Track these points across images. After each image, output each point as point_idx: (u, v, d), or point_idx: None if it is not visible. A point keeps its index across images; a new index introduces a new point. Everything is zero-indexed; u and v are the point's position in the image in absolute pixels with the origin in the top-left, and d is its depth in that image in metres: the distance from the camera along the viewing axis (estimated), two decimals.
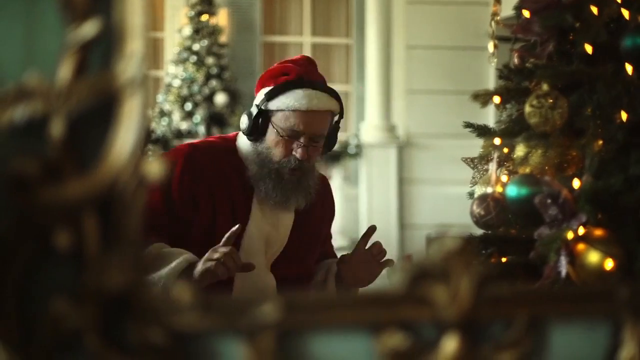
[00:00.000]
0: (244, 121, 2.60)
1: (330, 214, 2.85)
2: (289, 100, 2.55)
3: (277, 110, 2.56)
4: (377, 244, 2.64)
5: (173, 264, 2.41)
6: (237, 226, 2.42)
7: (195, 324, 1.01)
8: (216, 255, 2.37)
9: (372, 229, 2.66)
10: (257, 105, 2.58)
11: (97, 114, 1.02)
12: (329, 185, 2.88)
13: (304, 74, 2.61)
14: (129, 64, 1.02)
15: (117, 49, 1.04)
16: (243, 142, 2.63)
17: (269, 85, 2.60)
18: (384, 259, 2.64)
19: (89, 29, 1.03)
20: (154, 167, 1.01)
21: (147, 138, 0.97)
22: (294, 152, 2.55)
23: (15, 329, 1.01)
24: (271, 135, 2.57)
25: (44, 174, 1.00)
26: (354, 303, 1.06)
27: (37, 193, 0.99)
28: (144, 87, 1.02)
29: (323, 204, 2.77)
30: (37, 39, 1.05)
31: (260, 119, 2.57)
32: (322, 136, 2.59)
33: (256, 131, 2.58)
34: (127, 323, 1.02)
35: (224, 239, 2.40)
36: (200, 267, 2.39)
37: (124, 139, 1.01)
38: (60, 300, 1.01)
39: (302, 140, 2.54)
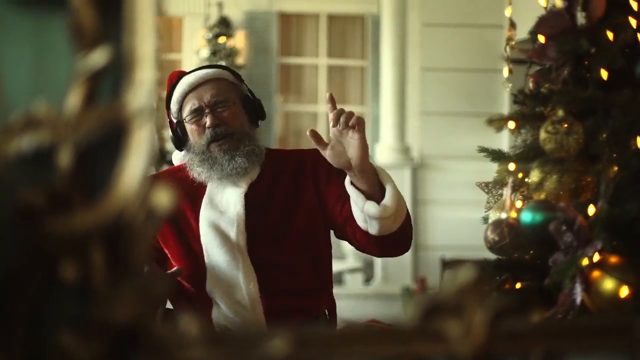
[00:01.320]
0: (172, 141, 2.75)
1: (314, 177, 2.71)
2: (176, 94, 2.69)
3: (179, 113, 2.70)
4: (337, 112, 2.45)
5: None
6: (175, 269, 2.58)
7: (203, 359, 1.00)
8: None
9: (330, 97, 2.50)
10: (169, 121, 2.74)
11: (106, 144, 1.01)
12: (309, 155, 2.74)
13: (181, 73, 2.76)
14: (139, 92, 1.01)
15: (126, 77, 1.03)
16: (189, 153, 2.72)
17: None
18: (344, 120, 2.43)
19: (99, 57, 1.02)
20: (163, 197, 0.99)
21: (162, 159, 0.96)
22: (206, 126, 2.64)
23: None
24: (189, 132, 2.68)
25: (51, 204, 0.98)
26: (366, 338, 1.04)
27: (44, 223, 0.98)
28: (153, 117, 1.01)
29: (298, 176, 2.72)
30: (46, 67, 1.04)
31: (177, 128, 2.71)
32: (222, 100, 2.67)
33: (181, 140, 2.71)
34: (134, 356, 1.01)
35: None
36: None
37: (133, 169, 0.99)
38: (66, 332, 1.00)
39: (205, 112, 2.64)
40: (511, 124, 2.39)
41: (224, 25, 8.63)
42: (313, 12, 9.08)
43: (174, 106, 2.70)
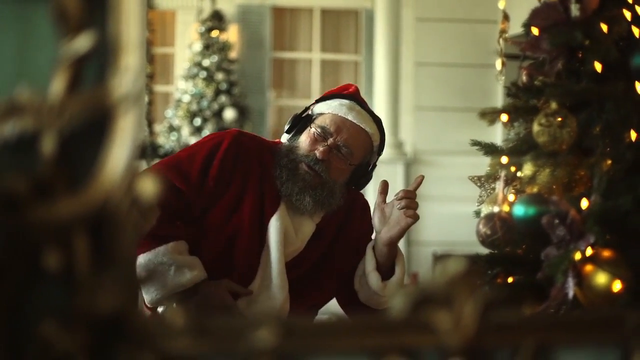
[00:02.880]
0: (289, 120, 2.74)
1: (368, 227, 2.77)
2: (332, 105, 2.69)
3: (319, 114, 2.69)
4: (401, 192, 2.67)
5: (182, 280, 2.46)
6: (249, 290, 2.55)
7: (188, 349, 0.98)
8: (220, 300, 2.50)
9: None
10: (306, 108, 2.74)
11: (90, 131, 0.99)
12: (365, 207, 2.87)
13: (356, 93, 2.76)
14: (124, 78, 1.00)
15: (111, 63, 1.01)
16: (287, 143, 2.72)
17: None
18: (405, 204, 2.63)
19: (83, 42, 1.00)
20: (148, 185, 0.98)
21: (154, 152, 0.94)
22: (316, 151, 2.61)
23: (5, 351, 0.98)
24: (305, 133, 2.66)
25: (34, 192, 0.97)
26: (354, 329, 1.03)
27: (27, 212, 0.97)
28: (138, 103, 0.99)
29: (361, 222, 2.78)
30: (29, 52, 1.02)
31: (303, 120, 2.70)
32: (349, 148, 2.64)
33: (295, 129, 2.70)
34: (118, 347, 0.99)
35: (233, 291, 2.55)
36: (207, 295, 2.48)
37: (117, 156, 0.98)
38: (50, 322, 0.98)
39: (329, 142, 2.61)
40: (504, 117, 2.38)
41: (217, 19, 8.63)
42: (307, 6, 9.08)
43: (321, 107, 2.70)
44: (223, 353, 1.00)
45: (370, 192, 7.36)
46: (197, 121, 8.52)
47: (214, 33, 8.57)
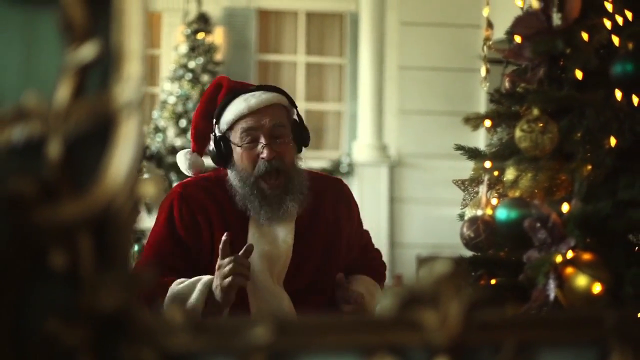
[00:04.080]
0: (211, 154, 2.65)
1: (349, 213, 2.79)
2: (231, 113, 2.59)
3: (228, 130, 2.60)
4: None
5: (195, 295, 2.45)
6: (225, 234, 2.45)
7: (187, 345, 1.02)
8: (226, 270, 2.40)
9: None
10: (214, 135, 2.63)
11: (94, 136, 1.04)
12: (344, 188, 2.85)
13: (234, 83, 2.67)
14: (127, 86, 1.04)
15: (115, 72, 1.05)
16: (230, 172, 2.65)
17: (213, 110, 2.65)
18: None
19: (88, 51, 1.04)
20: (149, 188, 1.02)
21: (142, 155, 0.98)
22: (260, 157, 2.56)
23: (10, 348, 1.02)
24: (236, 156, 2.60)
25: (41, 194, 1.01)
26: (345, 327, 1.07)
27: (33, 213, 1.01)
28: (140, 110, 1.03)
29: (336, 205, 2.75)
30: (36, 61, 1.06)
31: (222, 145, 2.61)
32: (280, 130, 2.59)
33: (223, 157, 2.62)
34: (120, 343, 1.03)
35: (220, 252, 2.42)
36: (218, 289, 2.43)
37: (120, 160, 1.02)
38: (54, 319, 1.02)
39: (261, 140, 2.56)
40: (487, 123, 2.42)
41: (203, 21, 8.63)
42: (292, 9, 9.09)
43: (224, 122, 2.61)
44: (220, 349, 1.04)
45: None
46: (183, 122, 8.52)
47: (200, 35, 8.58)
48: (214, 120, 2.64)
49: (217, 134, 2.63)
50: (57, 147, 1.02)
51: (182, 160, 2.74)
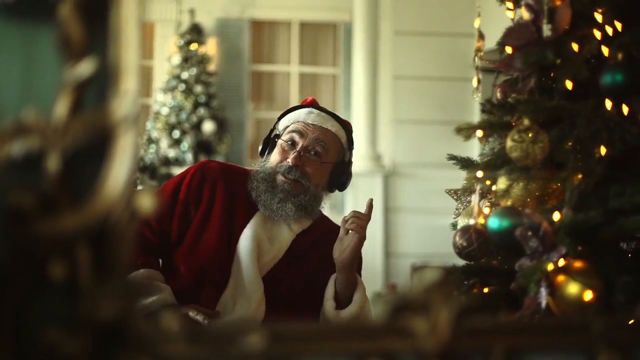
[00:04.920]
0: (260, 143, 2.82)
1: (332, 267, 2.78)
2: (291, 117, 2.76)
3: (283, 130, 2.76)
4: (351, 212, 2.71)
5: (148, 301, 2.50)
6: (216, 312, 2.56)
7: (183, 353, 1.04)
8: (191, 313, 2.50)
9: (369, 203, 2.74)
10: (271, 130, 2.80)
11: (92, 150, 1.06)
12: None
13: (313, 101, 2.82)
14: (123, 101, 1.06)
15: (112, 87, 1.07)
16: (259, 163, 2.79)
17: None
18: (352, 222, 2.66)
19: (86, 67, 1.06)
20: (146, 200, 1.04)
21: (138, 167, 1.01)
22: (288, 159, 2.67)
23: (11, 357, 1.04)
24: (275, 149, 2.74)
25: (40, 207, 1.03)
26: (338, 334, 1.09)
27: (33, 225, 1.03)
28: (137, 124, 1.05)
29: (328, 251, 2.74)
30: (35, 77, 1.09)
31: (271, 140, 2.78)
32: (320, 148, 2.71)
33: (266, 149, 2.78)
34: (118, 351, 1.05)
35: (206, 315, 2.52)
36: (189, 311, 2.48)
37: (118, 173, 1.04)
38: (54, 329, 1.04)
39: (297, 147, 2.69)
40: (479, 133, 2.44)
41: (196, 32, 8.65)
42: (285, 19, 9.11)
43: (284, 120, 2.78)
44: (215, 357, 1.06)
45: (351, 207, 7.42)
46: (176, 133, 8.53)
47: (193, 46, 8.60)
48: (278, 117, 2.82)
49: (274, 129, 2.80)
50: (56, 161, 1.05)
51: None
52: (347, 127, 2.83)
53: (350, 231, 2.65)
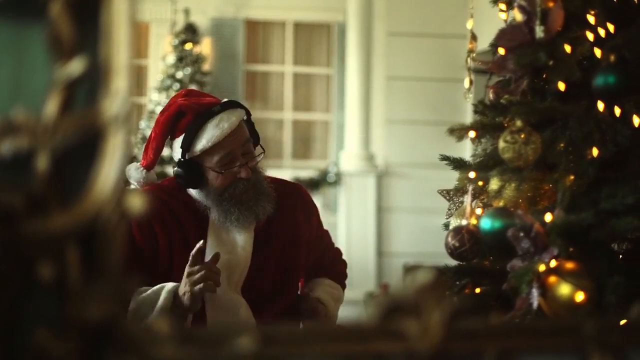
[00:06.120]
0: (179, 176, 2.65)
1: (308, 218, 2.83)
2: (206, 140, 2.60)
3: (202, 154, 2.62)
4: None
5: (160, 302, 2.48)
6: (200, 242, 2.49)
7: (173, 355, 1.04)
8: (197, 277, 2.43)
9: None
10: (180, 160, 2.64)
11: (82, 149, 1.05)
12: (303, 193, 2.90)
13: (197, 107, 2.65)
14: (114, 101, 1.06)
15: (102, 86, 1.07)
16: (198, 192, 2.69)
17: (177, 136, 2.66)
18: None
19: (76, 66, 1.06)
20: (136, 201, 1.04)
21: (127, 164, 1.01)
22: (238, 176, 2.62)
23: (0, 358, 1.03)
24: (211, 177, 2.63)
25: (29, 207, 1.02)
26: (329, 336, 1.09)
27: (22, 225, 1.02)
28: (127, 124, 1.05)
29: (294, 212, 2.79)
30: (25, 76, 1.08)
31: (191, 169, 2.63)
32: (248, 145, 2.66)
33: (193, 181, 2.64)
34: (108, 353, 1.05)
35: (190, 259, 2.46)
36: (186, 296, 2.45)
37: (108, 173, 1.04)
38: (43, 330, 1.03)
39: (238, 162, 2.62)
40: (472, 134, 2.45)
41: (191, 32, 8.66)
42: (280, 19, 9.12)
43: (198, 149, 2.62)
44: (206, 359, 1.06)
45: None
46: None
47: (188, 45, 8.60)
48: (182, 146, 2.63)
49: (187, 158, 2.63)
50: (46, 160, 1.04)
51: (135, 173, 2.73)
52: (236, 103, 2.74)
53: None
